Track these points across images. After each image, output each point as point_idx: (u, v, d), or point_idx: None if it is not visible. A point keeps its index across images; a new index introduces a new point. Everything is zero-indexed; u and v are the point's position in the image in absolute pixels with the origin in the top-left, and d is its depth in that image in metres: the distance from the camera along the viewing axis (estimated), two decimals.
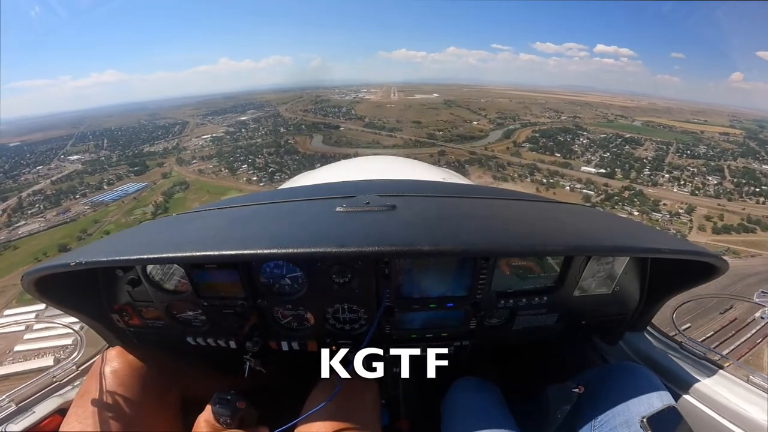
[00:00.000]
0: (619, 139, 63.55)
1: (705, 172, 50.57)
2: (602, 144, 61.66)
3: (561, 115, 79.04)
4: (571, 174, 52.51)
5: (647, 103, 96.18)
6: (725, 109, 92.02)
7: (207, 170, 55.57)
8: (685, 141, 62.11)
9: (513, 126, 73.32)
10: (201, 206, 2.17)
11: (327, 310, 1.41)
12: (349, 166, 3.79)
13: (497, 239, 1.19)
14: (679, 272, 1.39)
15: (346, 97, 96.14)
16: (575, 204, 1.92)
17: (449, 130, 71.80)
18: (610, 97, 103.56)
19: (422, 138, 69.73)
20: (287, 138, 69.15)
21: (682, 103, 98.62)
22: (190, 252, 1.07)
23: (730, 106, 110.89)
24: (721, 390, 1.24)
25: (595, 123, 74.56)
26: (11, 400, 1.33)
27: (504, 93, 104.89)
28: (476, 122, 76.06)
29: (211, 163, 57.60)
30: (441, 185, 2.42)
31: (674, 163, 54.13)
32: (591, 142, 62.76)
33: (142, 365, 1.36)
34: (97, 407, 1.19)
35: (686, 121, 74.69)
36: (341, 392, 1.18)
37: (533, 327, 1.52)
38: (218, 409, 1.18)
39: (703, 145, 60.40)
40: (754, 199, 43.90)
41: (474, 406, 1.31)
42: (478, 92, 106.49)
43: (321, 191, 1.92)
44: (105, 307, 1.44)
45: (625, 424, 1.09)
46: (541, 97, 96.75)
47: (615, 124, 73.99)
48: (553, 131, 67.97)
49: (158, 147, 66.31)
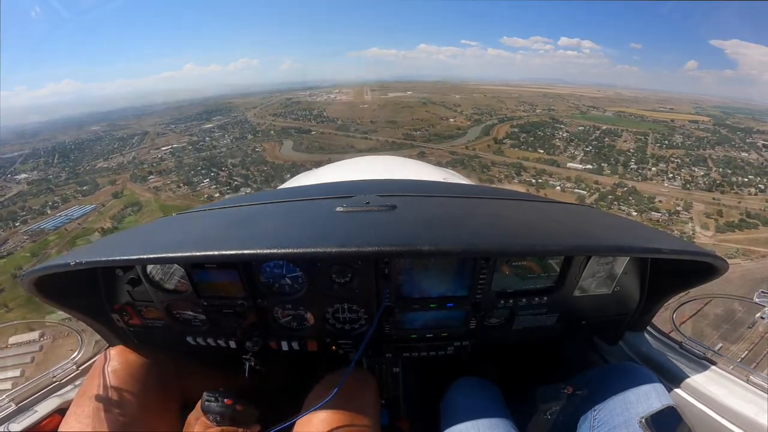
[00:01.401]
0: (597, 131, 62.74)
1: (689, 163, 50.10)
2: (582, 137, 60.63)
3: (536, 108, 77.41)
4: (559, 172, 51.35)
5: (613, 93, 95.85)
6: (685, 97, 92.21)
7: (164, 187, 50.65)
8: (660, 131, 61.61)
9: (490, 121, 70.70)
10: (201, 206, 2.17)
11: (327, 310, 1.41)
12: (348, 166, 3.78)
13: (497, 239, 1.19)
14: (679, 272, 1.39)
15: (318, 98, 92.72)
16: (575, 204, 1.92)
17: (426, 129, 69.14)
18: (578, 89, 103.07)
19: (399, 139, 66.60)
20: (254, 146, 64.67)
21: (645, 92, 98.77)
22: (190, 252, 1.07)
23: (689, 94, 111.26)
24: (720, 390, 1.24)
25: (569, 115, 73.41)
26: (11, 399, 1.33)
27: (477, 88, 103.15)
28: (453, 119, 73.38)
29: (169, 179, 52.84)
30: (441, 185, 2.42)
31: (657, 154, 53.41)
32: (571, 135, 61.64)
33: (143, 365, 1.36)
34: (97, 407, 1.19)
35: (654, 110, 74.40)
36: (341, 391, 1.18)
37: (533, 327, 1.52)
38: (206, 406, 1.19)
39: (677, 134, 59.95)
40: (744, 190, 43.33)
41: (473, 406, 1.31)
42: (451, 88, 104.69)
43: (321, 191, 1.92)
44: (105, 307, 1.44)
45: (624, 424, 1.09)
46: (514, 91, 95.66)
47: (589, 116, 73.04)
48: (531, 125, 66.60)
49: (113, 162, 60.12)
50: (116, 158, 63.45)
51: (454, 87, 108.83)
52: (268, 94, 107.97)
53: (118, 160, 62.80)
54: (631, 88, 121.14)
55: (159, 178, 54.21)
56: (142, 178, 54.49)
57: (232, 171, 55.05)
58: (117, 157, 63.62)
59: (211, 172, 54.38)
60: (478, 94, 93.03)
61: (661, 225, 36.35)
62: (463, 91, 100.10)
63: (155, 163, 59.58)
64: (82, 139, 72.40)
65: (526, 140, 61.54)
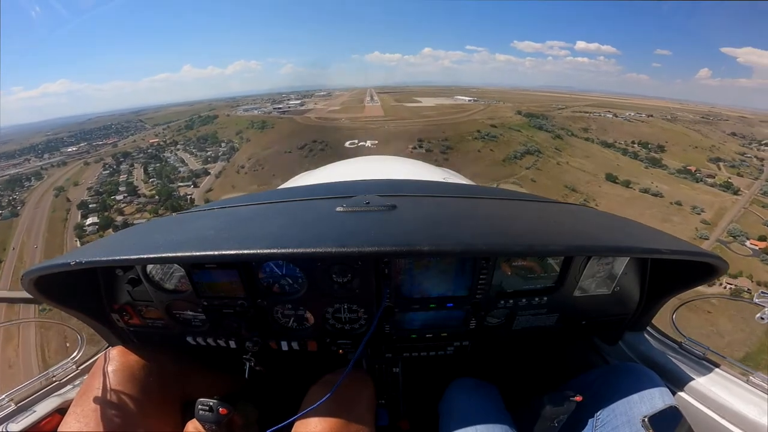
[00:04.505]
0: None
1: None
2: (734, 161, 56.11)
3: (645, 123, 70.36)
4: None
5: (663, 104, 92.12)
6: (705, 108, 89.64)
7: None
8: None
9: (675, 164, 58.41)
10: (201, 206, 2.17)
11: (327, 310, 1.41)
12: (349, 166, 3.78)
13: (497, 239, 1.19)
14: (679, 272, 1.39)
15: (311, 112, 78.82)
16: (575, 204, 1.92)
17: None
18: (627, 99, 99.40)
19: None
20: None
21: (684, 104, 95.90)
22: (190, 252, 1.06)
23: (708, 104, 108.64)
24: (720, 390, 1.24)
25: (672, 130, 68.14)
26: (11, 399, 1.33)
27: (538, 95, 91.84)
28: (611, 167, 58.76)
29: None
30: (441, 185, 2.42)
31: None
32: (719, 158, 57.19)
33: (143, 365, 1.36)
34: (97, 407, 1.19)
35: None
36: (338, 390, 1.18)
37: (533, 327, 1.52)
38: (201, 416, 1.18)
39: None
40: None
41: (472, 406, 1.31)
42: (499, 94, 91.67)
43: (321, 191, 1.92)
44: (105, 307, 1.44)
45: (627, 424, 1.09)
46: (581, 100, 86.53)
47: (682, 129, 68.31)
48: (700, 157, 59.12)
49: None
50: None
51: (501, 93, 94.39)
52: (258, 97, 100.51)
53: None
54: (671, 99, 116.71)
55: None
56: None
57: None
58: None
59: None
60: (560, 107, 78.78)
61: None
62: (513, 98, 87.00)
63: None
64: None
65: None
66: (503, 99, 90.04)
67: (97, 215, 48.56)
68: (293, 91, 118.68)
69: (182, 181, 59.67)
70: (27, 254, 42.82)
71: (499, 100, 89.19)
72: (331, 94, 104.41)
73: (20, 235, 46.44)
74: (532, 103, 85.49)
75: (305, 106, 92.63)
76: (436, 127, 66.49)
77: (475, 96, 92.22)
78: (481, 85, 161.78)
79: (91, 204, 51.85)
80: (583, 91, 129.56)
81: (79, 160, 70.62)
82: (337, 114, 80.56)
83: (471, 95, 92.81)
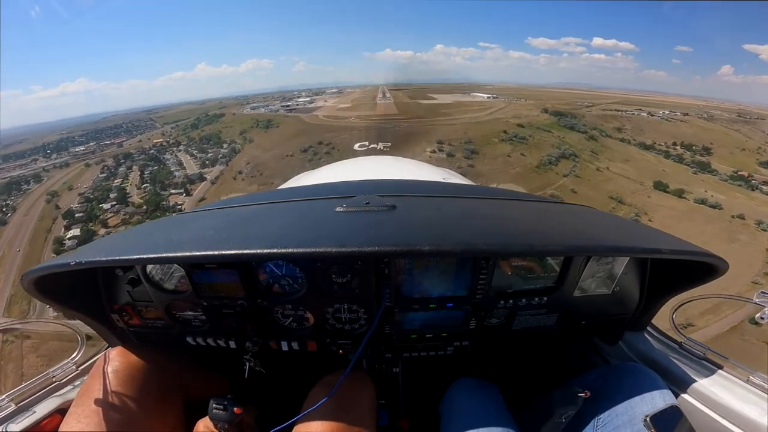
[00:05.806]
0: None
1: None
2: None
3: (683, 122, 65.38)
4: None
5: (687, 102, 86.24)
6: (734, 106, 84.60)
7: None
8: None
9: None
10: (201, 206, 2.17)
11: (327, 310, 1.41)
12: (348, 167, 3.78)
13: (497, 239, 1.19)
14: (679, 272, 1.39)
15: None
16: (575, 204, 1.92)
17: None
18: (648, 96, 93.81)
19: None
20: None
21: (710, 101, 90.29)
22: (190, 252, 1.06)
23: (733, 101, 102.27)
24: (720, 390, 1.24)
25: (713, 130, 63.18)
26: (11, 399, 1.33)
27: (550, 93, 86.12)
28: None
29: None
30: (441, 185, 2.43)
31: None
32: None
33: (143, 365, 1.36)
34: (97, 407, 1.19)
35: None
36: (339, 391, 1.18)
37: (533, 327, 1.52)
38: (215, 414, 1.18)
39: None
40: None
41: (473, 406, 1.31)
42: (520, 92, 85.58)
43: (321, 191, 1.92)
44: (105, 307, 1.44)
45: (628, 423, 1.09)
46: (612, 98, 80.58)
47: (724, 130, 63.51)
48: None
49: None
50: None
51: (519, 90, 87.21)
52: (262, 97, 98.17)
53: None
54: (692, 95, 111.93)
55: None
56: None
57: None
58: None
59: None
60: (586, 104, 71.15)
61: None
62: (533, 95, 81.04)
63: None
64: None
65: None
66: (523, 96, 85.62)
67: (81, 227, 46.54)
68: (305, 89, 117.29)
69: (175, 188, 57.24)
70: (3, 269, 39.48)
71: (518, 97, 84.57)
72: (343, 92, 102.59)
73: (1, 248, 43.93)
74: (555, 101, 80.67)
75: (315, 103, 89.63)
76: (456, 127, 61.18)
77: (493, 93, 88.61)
78: (494, 82, 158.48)
79: (77, 213, 49.91)
80: (600, 88, 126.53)
81: (81, 161, 69.60)
82: (348, 112, 76.16)
83: (488, 92, 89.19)
